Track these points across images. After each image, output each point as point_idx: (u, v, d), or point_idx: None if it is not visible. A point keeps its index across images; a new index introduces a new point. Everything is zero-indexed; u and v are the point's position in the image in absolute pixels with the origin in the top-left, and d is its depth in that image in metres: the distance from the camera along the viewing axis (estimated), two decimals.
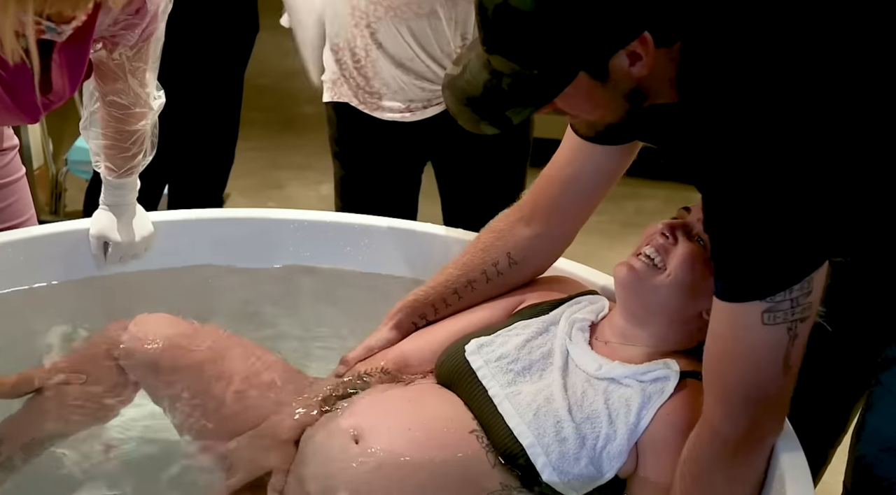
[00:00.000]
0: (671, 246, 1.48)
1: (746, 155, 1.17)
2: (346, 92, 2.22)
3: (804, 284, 1.19)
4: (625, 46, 1.21)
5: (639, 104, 1.28)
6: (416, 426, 1.43)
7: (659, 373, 1.45)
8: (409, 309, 1.69)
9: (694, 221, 1.49)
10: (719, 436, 1.29)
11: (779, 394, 1.26)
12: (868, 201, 1.27)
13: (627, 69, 1.23)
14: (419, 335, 1.68)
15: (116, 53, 1.69)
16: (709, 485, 1.32)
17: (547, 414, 1.41)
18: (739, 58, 1.20)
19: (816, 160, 1.16)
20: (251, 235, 2.01)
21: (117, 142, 1.81)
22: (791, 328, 1.21)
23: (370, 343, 1.67)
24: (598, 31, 1.20)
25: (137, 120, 1.80)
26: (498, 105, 1.27)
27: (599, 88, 1.25)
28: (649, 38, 1.20)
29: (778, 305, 1.19)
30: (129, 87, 1.75)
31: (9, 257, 1.83)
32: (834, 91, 1.18)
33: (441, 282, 1.69)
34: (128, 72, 1.73)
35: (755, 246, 1.18)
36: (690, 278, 1.47)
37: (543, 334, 1.55)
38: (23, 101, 1.60)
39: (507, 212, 1.69)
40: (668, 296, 1.48)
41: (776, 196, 1.16)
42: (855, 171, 1.20)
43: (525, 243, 1.66)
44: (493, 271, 1.67)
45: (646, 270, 1.49)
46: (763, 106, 1.17)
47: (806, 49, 1.19)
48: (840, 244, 1.24)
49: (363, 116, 2.21)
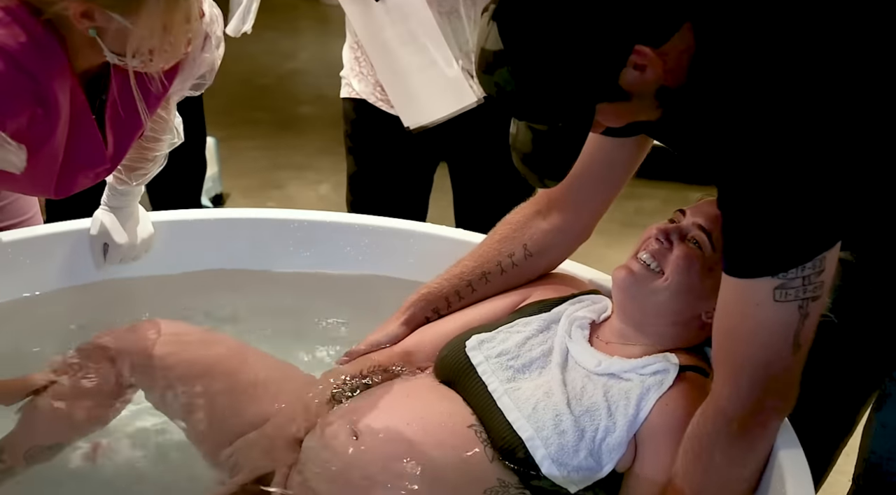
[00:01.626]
0: (667, 250, 1.49)
1: (763, 132, 1.17)
2: (365, 89, 2.21)
3: (816, 262, 1.19)
4: (623, 67, 1.22)
5: (671, 100, 1.28)
6: (415, 421, 1.44)
7: (658, 366, 1.45)
8: (423, 302, 1.69)
9: (689, 224, 1.49)
10: (724, 414, 1.29)
11: (787, 374, 1.26)
12: (882, 183, 1.27)
13: (642, 77, 1.23)
14: (424, 330, 1.68)
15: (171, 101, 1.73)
16: (709, 464, 1.32)
17: (546, 408, 1.42)
18: (754, 39, 1.21)
19: (832, 137, 1.16)
20: (251, 235, 2.01)
21: (135, 164, 1.82)
22: (802, 306, 1.21)
23: (377, 338, 1.67)
24: (587, 70, 1.22)
25: (162, 145, 1.81)
26: (549, 157, 1.30)
27: (625, 104, 1.27)
28: (643, 47, 1.21)
29: (790, 282, 1.19)
30: (162, 118, 1.76)
31: (9, 257, 1.83)
32: (850, 70, 1.18)
33: (456, 274, 1.69)
34: (166, 108, 1.75)
35: (769, 222, 1.19)
36: (688, 282, 1.47)
37: (544, 332, 1.55)
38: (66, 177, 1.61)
39: (524, 206, 1.70)
40: (666, 300, 1.49)
41: (791, 173, 1.16)
42: (870, 150, 1.20)
43: (541, 236, 1.66)
44: (509, 262, 1.67)
45: (644, 274, 1.49)
46: (781, 82, 1.18)
47: (823, 25, 1.19)
48: (853, 225, 1.24)
49: (380, 113, 2.20)
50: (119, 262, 1.91)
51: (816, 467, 1.37)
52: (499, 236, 1.70)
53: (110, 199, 1.88)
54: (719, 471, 1.33)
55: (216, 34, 1.68)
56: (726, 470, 1.33)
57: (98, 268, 1.92)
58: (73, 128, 1.54)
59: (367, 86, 2.20)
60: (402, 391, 1.54)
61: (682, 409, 1.40)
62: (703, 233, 1.47)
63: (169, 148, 1.84)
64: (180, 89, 1.70)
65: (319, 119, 4.97)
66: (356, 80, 2.23)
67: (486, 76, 1.26)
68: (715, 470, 1.32)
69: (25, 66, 1.40)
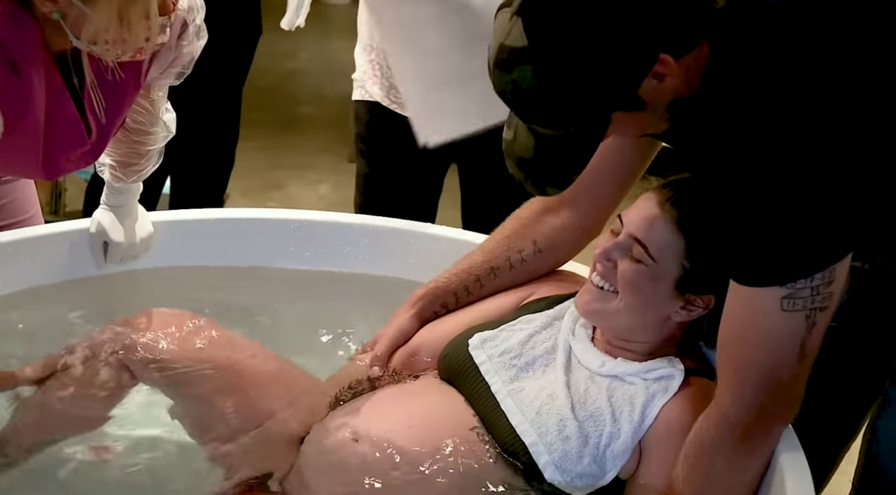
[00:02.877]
0: (613, 268, 1.47)
1: (774, 143, 1.17)
2: (377, 91, 2.21)
3: (826, 273, 1.18)
4: (648, 73, 1.20)
5: (682, 111, 1.27)
6: (416, 423, 1.43)
7: (664, 371, 1.44)
8: (431, 296, 1.68)
9: (626, 238, 1.46)
10: (727, 420, 1.28)
11: (792, 382, 1.25)
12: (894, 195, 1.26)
13: (659, 87, 1.22)
14: (427, 328, 1.67)
15: (152, 90, 1.74)
16: (710, 470, 1.31)
17: (550, 413, 1.41)
18: (769, 51, 1.20)
19: (844, 149, 1.16)
20: (251, 235, 2.01)
21: (128, 159, 1.83)
22: (809, 316, 1.20)
23: (393, 334, 1.65)
24: (613, 74, 1.20)
25: (153, 139, 1.82)
26: (553, 165, 1.29)
27: (638, 115, 1.26)
28: (667, 57, 1.20)
29: (798, 292, 1.19)
30: (146, 110, 1.77)
31: (9, 257, 1.83)
32: (861, 82, 1.18)
33: (464, 268, 1.68)
34: (147, 98, 1.76)
35: (779, 232, 1.18)
36: (642, 296, 1.45)
37: (547, 329, 1.55)
38: (52, 156, 1.64)
39: (533, 202, 1.68)
40: (629, 317, 1.47)
41: (803, 184, 1.15)
42: (883, 162, 1.19)
43: (551, 232, 1.65)
44: (518, 258, 1.66)
45: (600, 296, 1.48)
46: (793, 93, 1.17)
47: (837, 35, 1.19)
48: (865, 238, 1.23)
49: (392, 116, 2.20)
50: (119, 261, 1.91)
51: (819, 470, 1.37)
52: (508, 231, 1.69)
53: (109, 198, 1.88)
54: (720, 477, 1.32)
55: (195, 23, 1.69)
56: (727, 476, 1.32)
57: (98, 267, 1.91)
58: (51, 107, 1.57)
59: (381, 89, 2.20)
60: (404, 392, 1.53)
61: (688, 415, 1.39)
62: (640, 246, 1.44)
63: (162, 143, 1.84)
64: (160, 78, 1.71)
65: (319, 119, 4.97)
66: (370, 83, 2.22)
67: (502, 73, 1.23)
68: (716, 476, 1.32)
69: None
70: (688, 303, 1.45)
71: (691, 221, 1.42)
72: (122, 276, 1.93)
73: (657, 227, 1.43)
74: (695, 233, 1.42)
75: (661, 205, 1.44)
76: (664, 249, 1.42)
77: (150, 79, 1.69)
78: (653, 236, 1.43)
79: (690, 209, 1.43)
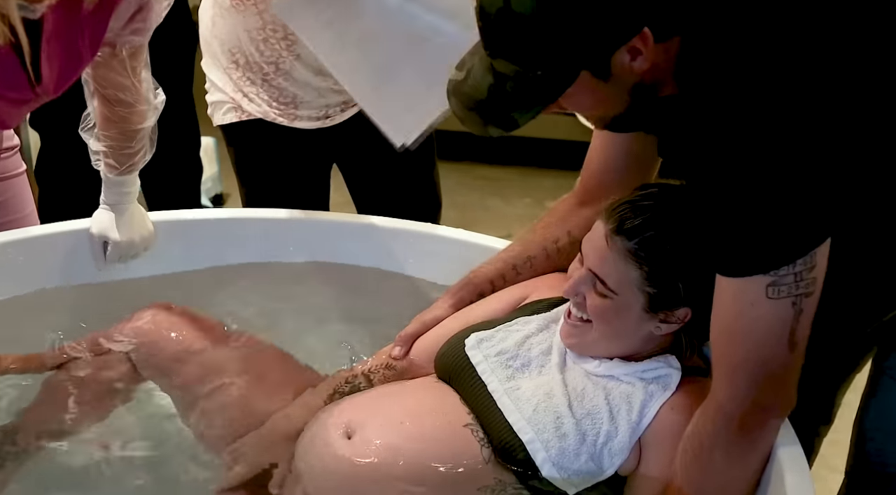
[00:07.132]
0: (583, 301, 1.46)
1: (749, 130, 1.17)
2: (256, 108, 2.11)
3: (807, 259, 1.19)
4: (626, 43, 1.21)
5: (642, 98, 1.29)
6: (409, 419, 1.44)
7: (661, 371, 1.45)
8: (472, 286, 1.70)
9: (586, 274, 1.45)
10: (724, 413, 1.28)
11: (784, 372, 1.26)
12: (869, 179, 1.27)
13: (629, 65, 1.23)
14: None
15: (118, 48, 1.70)
16: (709, 463, 1.32)
17: (547, 410, 1.41)
18: (737, 42, 1.21)
19: (819, 134, 1.16)
20: (251, 235, 2.01)
21: (120, 142, 1.81)
22: (796, 302, 1.21)
23: (426, 319, 1.67)
24: (599, 29, 1.21)
25: (140, 118, 1.80)
26: (503, 108, 1.28)
27: (602, 85, 1.26)
28: (649, 33, 1.21)
29: (782, 279, 1.19)
30: (132, 84, 1.74)
31: (8, 257, 1.83)
32: (832, 68, 1.18)
33: (502, 257, 1.72)
34: (129, 69, 1.73)
35: (758, 220, 1.18)
36: (614, 325, 1.45)
37: (544, 331, 1.55)
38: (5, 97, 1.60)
39: (566, 197, 1.73)
40: (608, 344, 1.47)
41: (779, 170, 1.16)
42: (858, 146, 1.20)
43: (584, 223, 1.64)
44: (553, 248, 1.69)
45: (577, 331, 1.48)
46: (766, 79, 1.18)
47: (803, 27, 1.19)
48: (843, 221, 1.23)
49: (273, 130, 2.11)
50: (119, 261, 1.91)
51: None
52: (544, 224, 1.72)
53: (107, 196, 1.88)
54: (719, 471, 1.32)
55: None
56: (726, 470, 1.32)
57: (98, 266, 1.92)
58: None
59: (260, 104, 2.10)
60: (398, 389, 1.54)
61: (688, 412, 1.39)
62: (600, 281, 1.43)
63: (150, 123, 1.81)
64: (124, 35, 1.65)
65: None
66: (243, 103, 2.10)
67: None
68: (714, 470, 1.32)
69: None
70: (666, 317, 1.44)
71: (646, 244, 1.40)
72: (120, 277, 1.93)
73: (609, 262, 1.41)
74: (652, 256, 1.40)
75: (608, 238, 1.42)
76: (621, 282, 1.41)
77: (113, 35, 1.63)
78: (608, 270, 1.42)
79: (642, 229, 1.40)
